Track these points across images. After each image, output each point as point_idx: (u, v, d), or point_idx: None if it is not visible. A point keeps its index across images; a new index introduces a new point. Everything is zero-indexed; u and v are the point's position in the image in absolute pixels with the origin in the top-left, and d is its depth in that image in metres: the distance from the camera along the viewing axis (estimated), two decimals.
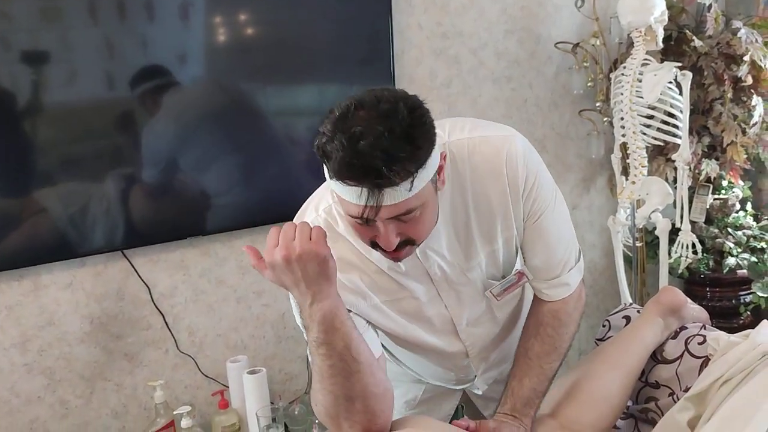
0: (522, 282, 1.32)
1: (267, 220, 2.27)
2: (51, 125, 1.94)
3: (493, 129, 1.23)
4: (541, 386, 1.31)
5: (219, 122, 2.18)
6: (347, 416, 1.14)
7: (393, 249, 1.08)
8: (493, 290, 1.30)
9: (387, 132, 0.97)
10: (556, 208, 1.26)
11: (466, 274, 1.26)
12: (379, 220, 1.04)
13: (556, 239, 1.28)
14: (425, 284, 1.25)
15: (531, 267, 1.31)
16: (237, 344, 2.30)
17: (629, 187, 2.42)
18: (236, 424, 2.00)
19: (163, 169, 2.10)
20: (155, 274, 2.16)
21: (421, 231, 1.10)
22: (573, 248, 1.32)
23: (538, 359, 1.31)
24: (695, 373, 1.40)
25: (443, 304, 1.29)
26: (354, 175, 0.99)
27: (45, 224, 1.97)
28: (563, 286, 1.32)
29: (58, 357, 2.04)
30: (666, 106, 2.36)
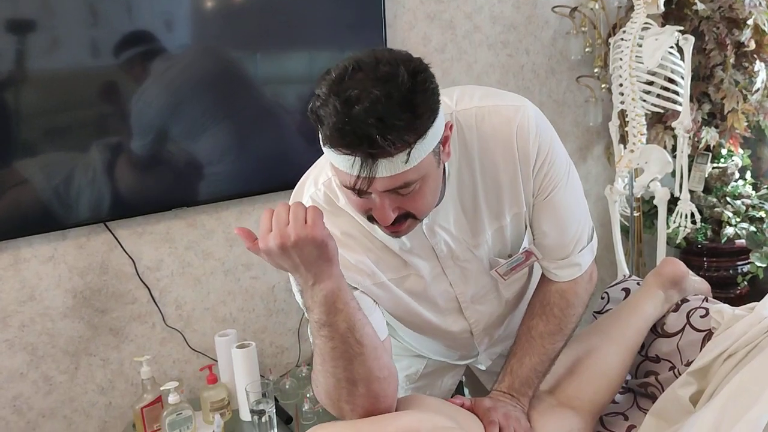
0: (530, 261, 1.26)
1: (256, 191, 2.22)
2: (34, 94, 1.88)
3: (504, 98, 1.15)
4: (541, 366, 1.26)
5: (207, 90, 2.11)
6: (349, 399, 1.09)
7: (390, 223, 1.01)
8: (499, 269, 1.23)
9: (384, 97, 0.90)
10: (569, 183, 1.19)
11: (473, 251, 1.20)
12: (374, 192, 0.97)
13: (567, 217, 1.21)
14: (430, 261, 1.19)
15: (540, 245, 1.24)
16: (226, 318, 2.25)
17: (627, 155, 2.35)
18: (225, 399, 1.95)
19: (148, 138, 2.04)
20: (140, 247, 2.10)
21: (421, 206, 1.03)
22: (586, 226, 1.25)
23: (541, 339, 1.26)
24: (697, 347, 1.36)
25: (448, 282, 1.23)
26: (346, 142, 0.92)
27: (26, 196, 1.91)
28: (574, 266, 1.25)
29: (41, 332, 1.99)
30: (667, 72, 2.29)
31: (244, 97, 2.17)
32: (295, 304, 2.33)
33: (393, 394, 1.12)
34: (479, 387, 1.57)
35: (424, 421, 1.08)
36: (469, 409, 1.22)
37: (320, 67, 2.23)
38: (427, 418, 1.09)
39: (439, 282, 1.22)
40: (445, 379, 1.51)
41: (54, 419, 2.04)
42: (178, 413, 1.84)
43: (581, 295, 1.28)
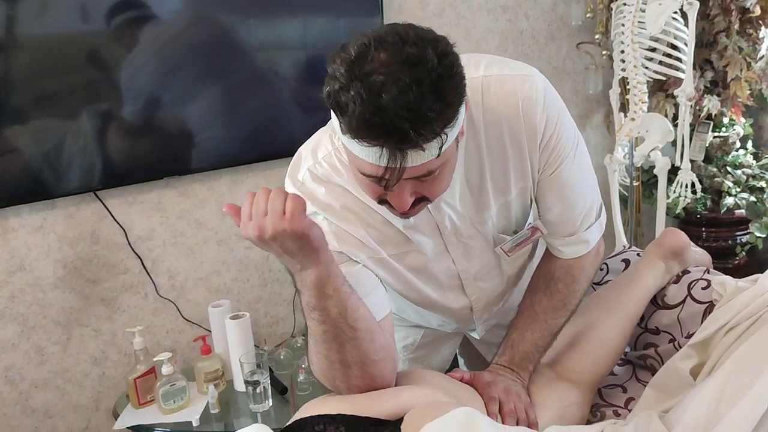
0: (535, 237, 1.22)
1: (248, 159, 2.17)
2: (23, 59, 1.83)
3: (510, 67, 1.08)
4: (543, 341, 1.23)
5: (199, 57, 2.06)
6: (344, 380, 1.06)
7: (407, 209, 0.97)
8: (504, 246, 1.19)
9: (414, 84, 0.82)
10: (576, 157, 1.13)
11: (477, 228, 1.16)
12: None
13: (575, 192, 1.16)
14: (434, 238, 1.15)
15: (546, 221, 1.20)
16: (220, 288, 2.23)
17: (628, 123, 2.31)
18: (219, 370, 1.93)
19: (139, 105, 1.99)
20: (131, 216, 2.06)
21: (438, 189, 0.99)
22: (594, 203, 1.20)
23: (544, 314, 1.22)
24: (698, 319, 1.34)
25: (450, 259, 1.19)
26: (375, 134, 0.85)
27: (14, 164, 1.87)
28: (581, 243, 1.21)
29: (32, 303, 1.96)
30: (669, 38, 2.24)
31: (237, 64, 2.12)
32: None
33: (390, 374, 1.09)
34: (475, 356, 1.55)
35: (422, 397, 1.06)
36: (468, 383, 1.20)
37: (314, 34, 2.21)
38: (426, 394, 1.07)
39: (442, 259, 1.19)
40: (443, 349, 1.49)
41: (47, 390, 2.02)
42: (172, 384, 1.83)
43: (587, 271, 1.25)
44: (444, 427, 0.94)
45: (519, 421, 1.16)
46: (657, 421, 1.09)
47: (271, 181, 2.24)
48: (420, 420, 0.96)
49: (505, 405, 1.16)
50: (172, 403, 1.84)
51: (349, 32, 2.22)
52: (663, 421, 1.09)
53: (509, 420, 1.16)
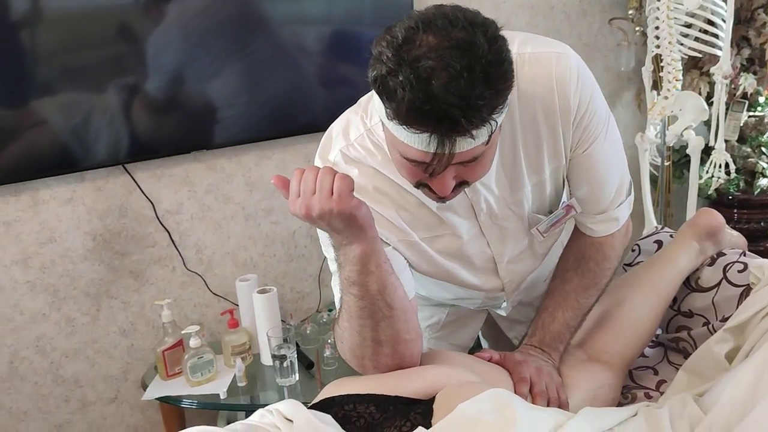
0: (570, 216, 1.20)
1: (275, 134, 2.17)
2: (50, 34, 1.83)
3: (544, 45, 1.07)
4: (574, 321, 1.22)
5: (226, 31, 2.04)
6: (373, 358, 1.07)
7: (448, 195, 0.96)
8: (539, 227, 1.18)
9: (465, 71, 0.81)
10: (608, 136, 1.12)
11: (512, 209, 1.15)
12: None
13: (606, 171, 1.15)
14: (469, 220, 1.14)
15: (578, 199, 1.19)
16: (246, 262, 2.23)
17: (661, 102, 2.26)
18: (246, 344, 1.95)
19: (167, 79, 1.99)
20: (159, 190, 2.07)
21: (481, 173, 0.98)
22: (624, 180, 1.19)
23: (576, 294, 1.21)
24: (734, 302, 1.31)
25: (485, 242, 1.18)
26: (424, 122, 0.84)
27: (43, 137, 1.88)
28: (611, 221, 1.20)
29: (62, 274, 1.98)
30: (707, 14, 2.17)
31: (262, 39, 2.10)
32: (317, 250, 2.32)
33: (418, 354, 1.10)
34: (499, 339, 1.54)
35: (449, 377, 1.05)
36: (498, 363, 1.20)
37: (340, 8, 2.19)
38: (453, 374, 1.07)
39: (477, 242, 1.17)
40: (467, 328, 1.48)
41: (77, 360, 2.05)
42: (200, 357, 1.85)
43: (617, 249, 1.24)
44: (478, 406, 0.94)
45: (550, 401, 1.16)
46: (692, 403, 1.08)
47: (298, 157, 2.23)
48: (453, 399, 0.95)
49: (536, 385, 1.15)
50: (200, 376, 1.86)
51: (374, 7, 2.19)
52: (698, 404, 1.08)
53: (540, 400, 1.15)
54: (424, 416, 0.94)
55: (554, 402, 1.16)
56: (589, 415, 1.04)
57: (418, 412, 0.95)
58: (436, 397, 1.00)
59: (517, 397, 1.04)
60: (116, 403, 2.13)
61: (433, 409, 0.97)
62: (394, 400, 1.02)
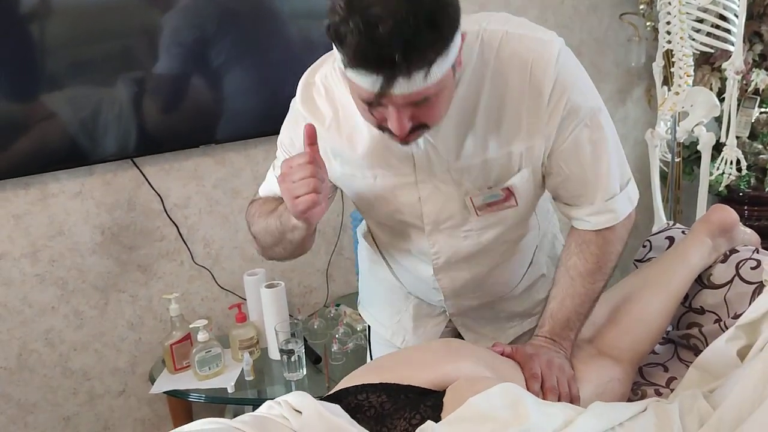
0: (508, 204, 1.17)
1: None
2: (60, 26, 1.83)
3: (534, 30, 1.09)
4: (583, 308, 1.20)
5: (235, 25, 2.04)
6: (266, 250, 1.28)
7: (405, 134, 1.00)
8: (475, 198, 1.16)
9: (410, 16, 0.86)
10: (593, 127, 1.11)
11: (451, 173, 1.14)
12: (391, 105, 0.96)
13: (591, 162, 1.14)
14: (406, 167, 1.15)
15: (566, 192, 1.18)
16: (254, 257, 2.23)
17: (672, 98, 2.25)
18: (254, 338, 1.95)
19: (176, 73, 1.99)
20: (167, 184, 2.07)
21: (436, 116, 1.01)
22: (616, 173, 1.17)
23: (581, 279, 1.20)
24: (746, 299, 1.30)
25: (417, 195, 1.17)
26: (369, 64, 0.90)
27: (52, 130, 1.88)
28: (606, 213, 1.18)
29: (70, 267, 1.99)
30: (719, 9, 2.15)
31: (272, 33, 2.10)
32: (324, 244, 2.32)
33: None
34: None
35: (463, 370, 1.05)
36: (509, 356, 1.19)
37: None
38: (467, 367, 1.06)
39: (409, 192, 1.17)
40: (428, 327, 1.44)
41: (85, 352, 2.06)
42: (208, 351, 1.85)
43: (619, 232, 1.21)
44: (488, 401, 0.93)
45: (561, 395, 1.15)
46: (702, 400, 1.07)
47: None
48: (464, 393, 0.95)
49: (547, 380, 1.14)
50: (207, 370, 1.86)
51: None
52: (708, 400, 1.07)
53: (551, 396, 1.14)
54: (434, 409, 0.93)
55: (565, 396, 1.15)
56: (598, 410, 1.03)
57: (428, 405, 0.94)
58: (446, 390, 1.00)
59: (527, 392, 1.03)
60: (124, 396, 2.14)
61: (443, 402, 0.96)
62: (405, 389, 1.02)
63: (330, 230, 2.31)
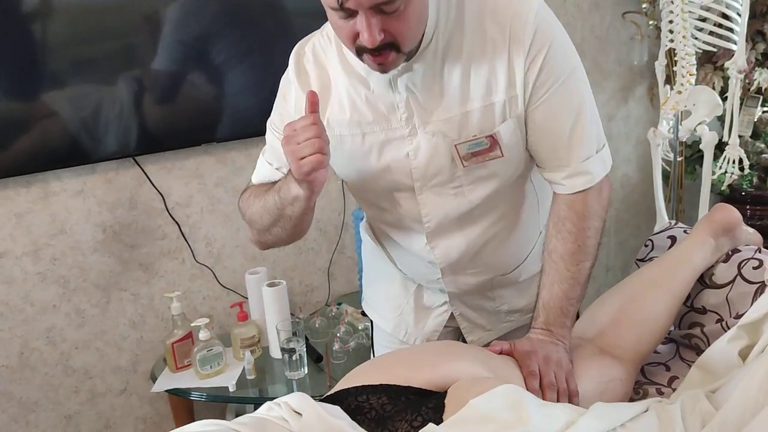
0: (494, 155, 1.15)
1: None
2: (61, 25, 1.83)
3: None
4: (573, 292, 1.19)
5: (237, 22, 2.03)
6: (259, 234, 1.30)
7: (376, 45, 1.00)
8: (460, 146, 1.15)
9: None
10: (571, 84, 1.13)
11: (436, 125, 1.14)
12: (360, 10, 0.98)
13: (568, 120, 1.14)
14: (393, 121, 1.15)
15: (542, 151, 1.18)
16: (256, 255, 2.23)
17: (674, 96, 2.24)
18: (256, 337, 1.95)
19: (177, 71, 1.99)
20: (169, 183, 2.07)
21: (405, 30, 1.02)
22: (592, 134, 1.18)
23: (564, 261, 1.19)
24: (748, 299, 1.30)
25: (406, 150, 1.16)
26: None
27: (54, 129, 1.88)
28: (581, 175, 1.18)
29: (72, 266, 1.99)
30: (721, 7, 2.15)
31: (275, 31, 2.09)
32: (326, 243, 2.32)
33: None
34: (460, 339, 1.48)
35: (463, 371, 1.04)
36: (507, 354, 1.18)
37: None
38: (467, 368, 1.06)
39: (397, 147, 1.17)
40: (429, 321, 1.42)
41: (87, 351, 2.06)
42: (209, 349, 1.85)
43: (592, 206, 1.19)
44: (490, 402, 0.93)
45: (559, 392, 1.15)
46: (704, 400, 1.07)
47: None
48: (465, 394, 0.95)
49: (545, 377, 1.14)
50: (209, 368, 1.86)
51: None
52: (710, 400, 1.07)
53: (549, 393, 1.14)
54: (436, 411, 0.93)
55: (563, 392, 1.14)
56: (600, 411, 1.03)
57: (430, 407, 0.94)
58: (448, 392, 1.00)
59: (528, 393, 1.03)
60: (125, 394, 2.14)
61: (444, 404, 0.96)
62: (406, 390, 1.02)
63: (332, 229, 2.31)
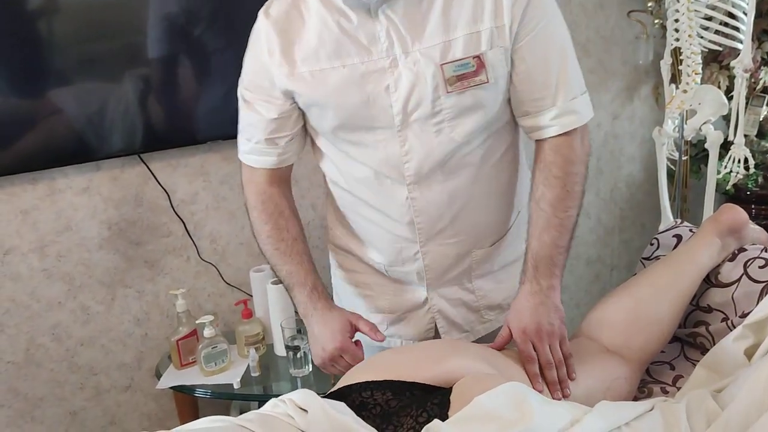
0: (479, 80, 1.14)
1: None
2: (67, 22, 1.84)
3: None
4: (561, 240, 1.19)
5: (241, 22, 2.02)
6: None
7: None
8: (445, 67, 1.13)
9: None
10: (557, 22, 1.18)
11: (415, 51, 1.13)
12: None
13: (555, 57, 1.17)
14: (374, 52, 1.14)
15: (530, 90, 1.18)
16: (260, 253, 2.23)
17: (680, 96, 2.23)
18: (260, 334, 1.96)
19: (182, 69, 1.99)
20: (174, 180, 2.07)
21: None
22: (577, 74, 1.20)
23: (552, 208, 1.19)
24: (754, 298, 1.30)
25: (386, 83, 1.14)
26: None
27: (60, 126, 1.89)
28: (571, 114, 1.18)
29: (77, 263, 2.00)
30: (728, 6, 2.14)
31: None
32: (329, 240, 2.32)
33: None
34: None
35: (467, 368, 1.05)
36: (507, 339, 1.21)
37: None
38: (471, 365, 1.06)
39: (377, 80, 1.14)
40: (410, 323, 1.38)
41: (92, 348, 2.07)
42: (214, 347, 1.86)
43: (577, 150, 1.20)
44: (495, 400, 0.93)
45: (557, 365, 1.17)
46: (710, 399, 1.07)
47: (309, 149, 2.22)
48: (470, 391, 0.95)
49: (542, 356, 1.16)
50: (214, 366, 1.86)
51: None
52: (716, 400, 1.07)
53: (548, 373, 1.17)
54: (441, 407, 0.94)
55: (560, 364, 1.17)
56: (604, 409, 1.03)
57: (435, 403, 0.94)
58: (453, 388, 1.00)
59: (533, 391, 1.03)
60: (130, 391, 2.15)
61: (449, 400, 0.96)
62: (410, 386, 1.02)
63: None
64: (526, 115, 1.21)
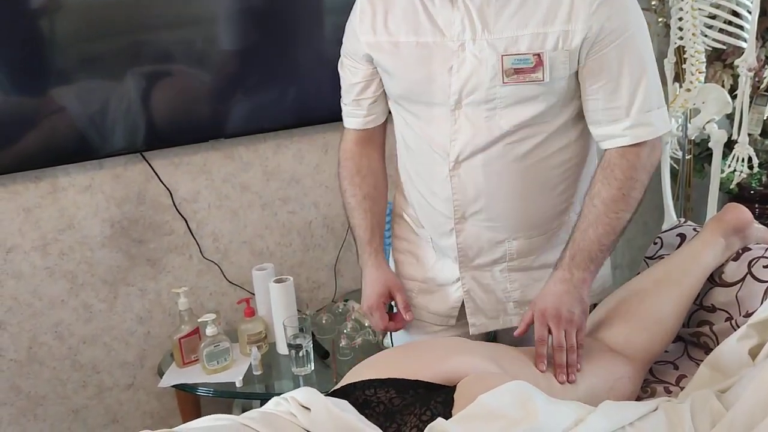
0: (536, 77, 1.16)
1: (293, 123, 2.16)
2: (70, 21, 1.83)
3: None
4: (606, 239, 1.19)
5: (244, 18, 2.03)
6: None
7: None
8: (505, 58, 1.16)
9: None
10: (640, 41, 1.17)
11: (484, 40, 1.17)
12: None
13: (636, 68, 1.16)
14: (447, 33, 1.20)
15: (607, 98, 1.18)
16: (263, 252, 2.24)
17: (683, 94, 2.22)
18: (262, 333, 1.95)
19: (184, 66, 1.99)
20: (176, 178, 2.07)
21: None
22: (656, 88, 1.20)
23: (605, 206, 1.19)
24: (758, 298, 1.29)
25: (450, 64, 1.20)
26: None
27: (62, 124, 1.89)
28: (646, 125, 1.18)
29: (80, 261, 2.00)
30: (732, 5, 2.13)
31: (281, 28, 2.09)
32: (333, 239, 2.32)
33: None
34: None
35: (471, 366, 1.05)
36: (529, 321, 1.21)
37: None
38: (476, 363, 1.06)
39: (443, 59, 1.21)
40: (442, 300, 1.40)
41: (94, 346, 2.07)
42: (216, 345, 1.85)
43: (643, 159, 1.20)
44: (499, 399, 0.93)
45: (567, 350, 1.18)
46: (714, 399, 1.07)
47: (315, 146, 2.22)
48: (474, 390, 0.95)
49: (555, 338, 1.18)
50: (216, 364, 1.86)
51: None
52: (720, 400, 1.07)
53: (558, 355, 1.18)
54: (445, 405, 0.93)
55: (572, 349, 1.18)
56: (608, 409, 1.03)
57: (439, 401, 0.94)
58: (457, 387, 1.00)
59: (538, 390, 1.03)
60: (132, 389, 2.15)
61: (453, 399, 0.96)
62: (414, 384, 1.02)
63: (339, 226, 2.31)
64: (597, 124, 1.21)
